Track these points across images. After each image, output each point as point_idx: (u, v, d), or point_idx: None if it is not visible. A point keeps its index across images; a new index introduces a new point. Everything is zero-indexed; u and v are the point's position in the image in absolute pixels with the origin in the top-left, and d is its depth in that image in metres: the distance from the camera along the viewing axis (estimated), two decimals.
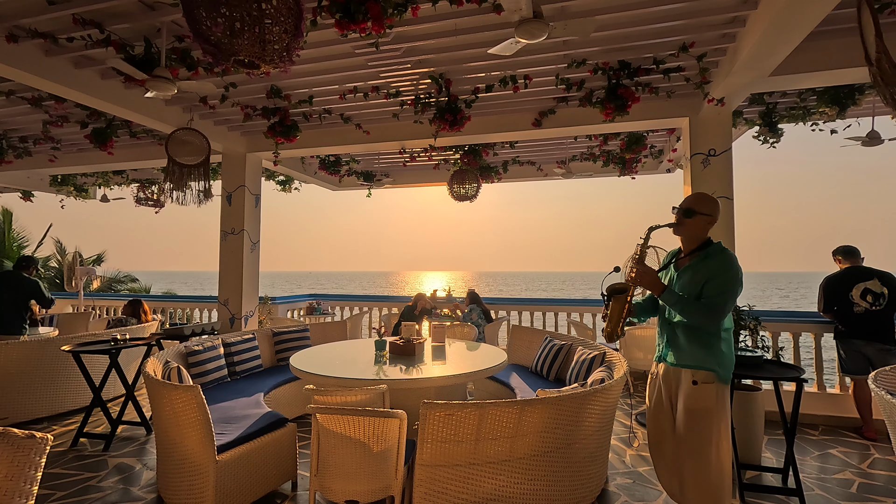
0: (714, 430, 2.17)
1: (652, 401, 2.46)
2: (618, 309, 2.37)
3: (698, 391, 2.18)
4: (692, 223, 2.29)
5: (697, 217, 2.28)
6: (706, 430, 2.17)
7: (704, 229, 2.30)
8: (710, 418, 2.17)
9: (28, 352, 4.35)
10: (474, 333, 5.17)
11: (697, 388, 2.18)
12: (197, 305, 7.92)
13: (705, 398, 2.17)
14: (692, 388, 2.19)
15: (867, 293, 3.90)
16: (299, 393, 4.17)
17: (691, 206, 2.29)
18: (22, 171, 7.11)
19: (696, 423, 2.19)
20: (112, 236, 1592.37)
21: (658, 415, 2.40)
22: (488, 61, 3.91)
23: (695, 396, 2.19)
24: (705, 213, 2.27)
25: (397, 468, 2.34)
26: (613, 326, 2.37)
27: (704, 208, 2.28)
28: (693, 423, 2.20)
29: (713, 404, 2.17)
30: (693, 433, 2.20)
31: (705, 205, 2.29)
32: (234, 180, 5.80)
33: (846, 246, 4.24)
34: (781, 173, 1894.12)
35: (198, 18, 1.98)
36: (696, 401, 2.18)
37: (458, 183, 6.24)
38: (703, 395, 2.18)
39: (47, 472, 3.25)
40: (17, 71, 3.56)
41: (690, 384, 2.20)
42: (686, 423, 2.22)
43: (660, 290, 2.24)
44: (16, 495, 1.50)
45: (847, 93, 4.24)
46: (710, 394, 2.17)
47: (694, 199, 2.33)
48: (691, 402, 2.20)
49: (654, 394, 2.44)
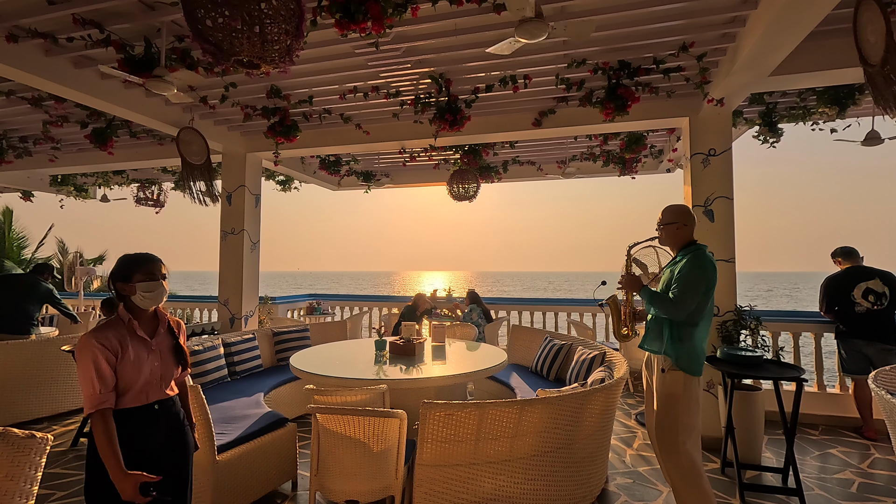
0: (680, 416, 2.37)
1: (645, 391, 2.70)
2: (615, 312, 2.81)
3: (666, 377, 2.42)
4: (666, 233, 2.62)
5: (666, 227, 2.61)
6: (672, 414, 2.39)
7: (678, 235, 2.58)
8: (676, 404, 2.38)
9: (28, 352, 4.35)
10: (474, 333, 5.17)
11: (665, 374, 2.42)
12: (197, 305, 7.92)
13: (672, 384, 2.40)
14: (661, 374, 2.45)
15: (869, 293, 3.90)
16: (299, 393, 4.17)
17: (661, 218, 2.65)
18: (22, 171, 7.10)
19: (663, 406, 2.42)
20: (112, 236, 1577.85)
21: (647, 401, 2.65)
22: (488, 61, 3.90)
23: (664, 382, 2.43)
24: (671, 221, 2.59)
25: (397, 468, 2.34)
26: (616, 326, 2.81)
27: (669, 218, 2.60)
28: (660, 407, 2.43)
29: (680, 391, 2.38)
30: (660, 416, 2.43)
31: (670, 215, 2.61)
32: (234, 180, 5.80)
33: (845, 247, 4.24)
34: (781, 173, 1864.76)
35: (198, 18, 1.98)
36: (665, 386, 2.42)
37: (458, 183, 6.24)
38: (670, 381, 2.40)
39: (47, 472, 3.25)
40: (17, 71, 3.56)
41: (660, 371, 2.45)
42: (657, 406, 2.46)
43: (637, 288, 2.59)
44: (16, 495, 1.50)
45: (847, 93, 4.24)
46: (677, 381, 2.39)
47: (664, 211, 2.65)
48: (661, 387, 2.44)
49: (644, 383, 2.70)
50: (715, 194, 4.22)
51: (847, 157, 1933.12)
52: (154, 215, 21.77)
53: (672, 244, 2.63)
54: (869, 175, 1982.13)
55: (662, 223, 2.63)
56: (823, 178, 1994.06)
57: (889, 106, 1.88)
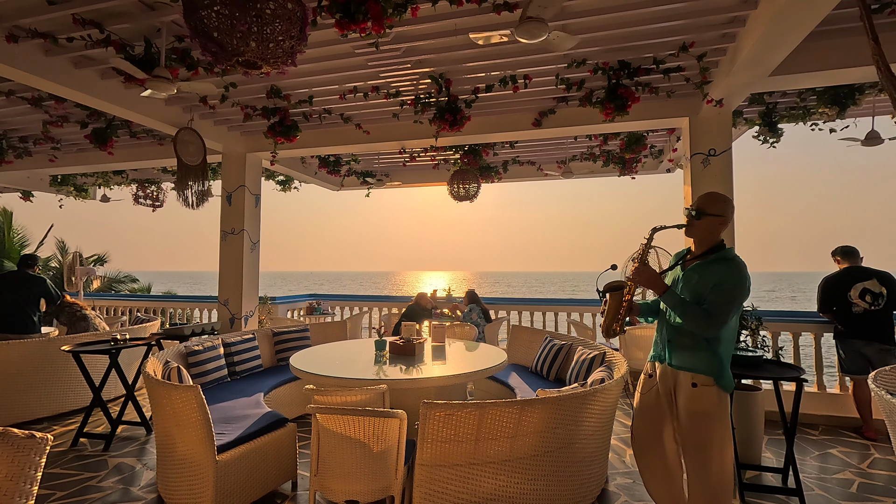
0: (715, 432, 2.13)
1: (645, 400, 2.40)
2: (614, 305, 2.35)
3: (698, 393, 2.14)
4: (703, 224, 2.23)
5: (707, 218, 2.22)
6: (706, 432, 2.13)
7: (716, 230, 2.23)
8: (710, 421, 2.13)
9: (28, 352, 4.35)
10: (474, 333, 5.17)
11: (697, 390, 2.14)
12: (197, 305, 7.92)
13: (705, 401, 2.13)
14: (692, 390, 2.16)
15: (866, 293, 3.90)
16: (299, 393, 4.17)
17: (701, 206, 2.23)
18: (22, 171, 7.10)
19: (696, 424, 2.15)
20: (112, 236, 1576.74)
21: (653, 415, 2.35)
22: (488, 61, 3.91)
23: (694, 398, 2.15)
24: (716, 213, 2.21)
25: (397, 468, 2.34)
26: (609, 322, 2.36)
27: (715, 209, 2.21)
28: (693, 425, 2.16)
29: (714, 408, 2.13)
30: (693, 435, 2.17)
31: (716, 205, 2.22)
32: (234, 180, 5.80)
33: (845, 246, 4.23)
34: (781, 173, 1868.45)
35: (201, 19, 1.98)
36: (696, 403, 2.14)
37: (459, 183, 6.24)
38: (703, 397, 2.14)
39: (47, 472, 3.25)
40: (17, 71, 3.56)
41: (690, 386, 2.16)
42: (687, 424, 2.18)
43: (661, 290, 2.21)
44: (16, 495, 1.50)
45: (847, 93, 4.24)
46: (710, 397, 2.13)
47: (705, 199, 2.26)
48: (691, 404, 2.16)
49: (649, 393, 2.39)
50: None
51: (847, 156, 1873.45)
52: (154, 215, 21.80)
53: (703, 240, 2.26)
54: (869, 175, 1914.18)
55: (704, 212, 2.21)
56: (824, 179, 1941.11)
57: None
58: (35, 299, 4.98)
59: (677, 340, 2.25)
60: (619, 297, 2.35)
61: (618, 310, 2.34)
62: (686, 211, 2.31)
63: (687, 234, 2.32)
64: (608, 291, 2.37)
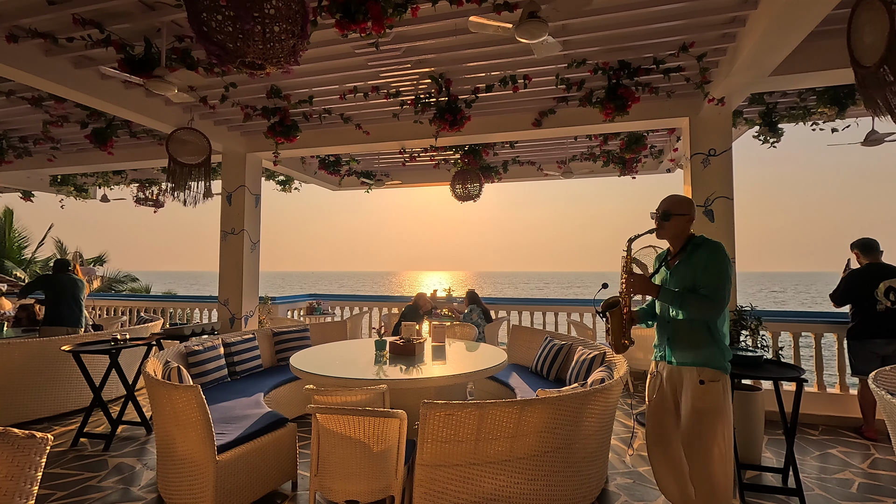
0: (720, 427, 2.19)
1: (653, 400, 2.46)
2: (616, 323, 2.45)
3: (706, 390, 2.20)
4: (671, 225, 2.38)
5: (675, 218, 2.36)
6: (712, 428, 2.19)
7: (685, 228, 2.38)
8: (717, 416, 2.19)
9: (28, 352, 4.35)
10: (474, 333, 5.17)
11: (705, 387, 2.20)
12: (197, 305, 7.93)
13: (713, 397, 2.20)
14: (699, 387, 2.21)
15: (890, 291, 3.86)
16: (299, 393, 4.17)
17: (667, 209, 2.38)
18: (22, 171, 7.11)
19: (703, 421, 2.20)
20: (112, 236, 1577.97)
21: (661, 414, 2.41)
22: (488, 61, 3.91)
23: (702, 396, 2.21)
24: (681, 213, 2.36)
25: (397, 468, 2.34)
26: (617, 339, 2.45)
27: (680, 209, 2.37)
28: (699, 422, 2.21)
29: (721, 403, 2.20)
30: (699, 431, 2.21)
31: (681, 206, 2.38)
32: (234, 180, 5.80)
33: (865, 239, 4.07)
34: (781, 173, 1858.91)
35: (203, 19, 1.98)
36: (704, 400, 2.20)
37: (461, 183, 6.24)
38: (710, 393, 2.20)
39: (47, 472, 3.25)
40: (17, 71, 3.56)
41: (697, 384, 2.22)
42: (692, 422, 2.23)
43: (656, 292, 2.31)
44: (16, 495, 1.50)
45: (847, 93, 4.24)
46: (717, 392, 2.20)
47: (668, 202, 2.40)
48: (699, 401, 2.21)
49: (657, 392, 2.44)
50: (715, 194, 4.22)
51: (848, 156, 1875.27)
52: (154, 215, 21.73)
53: (675, 238, 2.40)
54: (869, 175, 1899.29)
55: (672, 213, 2.35)
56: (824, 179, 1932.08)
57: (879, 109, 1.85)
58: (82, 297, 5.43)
59: (677, 337, 2.33)
60: (618, 313, 2.44)
61: (621, 325, 2.44)
62: (652, 215, 2.44)
63: (659, 236, 2.44)
64: (607, 310, 2.46)
